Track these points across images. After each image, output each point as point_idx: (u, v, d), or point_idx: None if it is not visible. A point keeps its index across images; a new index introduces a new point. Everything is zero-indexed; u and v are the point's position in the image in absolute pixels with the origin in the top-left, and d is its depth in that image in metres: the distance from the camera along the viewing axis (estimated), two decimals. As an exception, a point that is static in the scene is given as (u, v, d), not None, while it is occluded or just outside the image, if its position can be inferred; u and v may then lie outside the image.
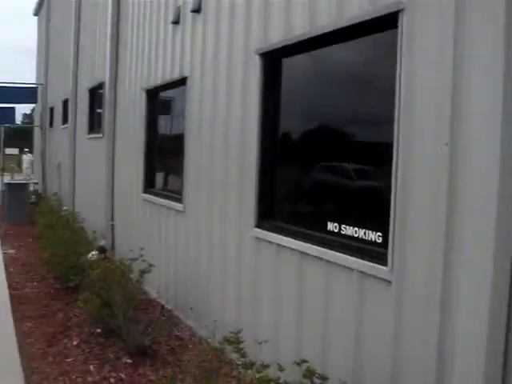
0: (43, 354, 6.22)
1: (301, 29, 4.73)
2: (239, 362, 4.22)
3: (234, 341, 3.94)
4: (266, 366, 3.75)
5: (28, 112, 58.44)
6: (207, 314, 6.41)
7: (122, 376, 5.64)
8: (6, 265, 10.53)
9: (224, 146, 6.16)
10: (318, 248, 4.41)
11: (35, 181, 21.54)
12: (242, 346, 4.08)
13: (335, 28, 4.25)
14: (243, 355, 4.03)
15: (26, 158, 29.63)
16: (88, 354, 6.21)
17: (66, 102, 17.39)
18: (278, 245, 5.02)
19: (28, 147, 31.42)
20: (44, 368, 5.82)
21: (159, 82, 8.38)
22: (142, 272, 6.84)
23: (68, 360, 6.04)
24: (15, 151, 28.13)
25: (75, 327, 7.09)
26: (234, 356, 4.41)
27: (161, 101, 8.96)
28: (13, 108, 22.76)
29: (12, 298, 8.34)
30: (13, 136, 25.64)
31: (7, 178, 21.34)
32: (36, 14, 28.08)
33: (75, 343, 6.52)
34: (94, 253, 9.95)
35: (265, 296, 5.30)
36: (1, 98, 21.57)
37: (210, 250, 6.53)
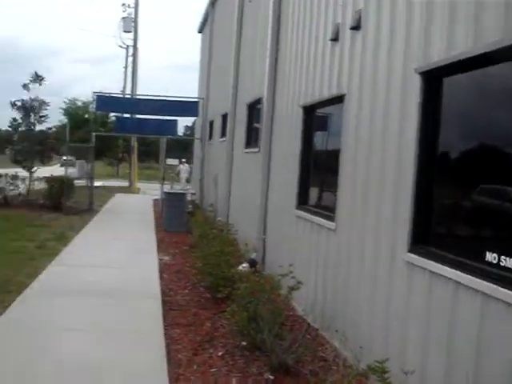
0: (189, 361, 6.35)
1: (463, 47, 4.48)
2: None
3: (379, 370, 3.77)
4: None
5: (189, 124, 61.40)
6: (353, 336, 6.25)
7: (263, 392, 5.63)
8: (160, 271, 10.93)
9: (380, 166, 6.00)
10: (475, 279, 4.12)
11: (193, 191, 22.42)
12: (387, 375, 3.91)
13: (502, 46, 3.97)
14: (388, 385, 3.87)
15: (183, 167, 30.94)
16: (232, 366, 6.27)
17: (225, 116, 17.96)
18: (432, 272, 4.77)
19: (186, 158, 32.80)
20: (188, 376, 5.94)
21: (316, 98, 8.37)
22: (291, 289, 6.81)
23: (212, 370, 6.12)
24: (175, 162, 29.42)
25: (221, 338, 7.18)
26: (379, 385, 4.24)
27: (316, 117, 8.94)
28: (175, 120, 24.00)
29: (164, 303, 8.62)
30: (174, 147, 26.98)
31: (167, 187, 22.44)
32: (200, 31, 29.45)
33: (220, 354, 6.60)
34: (244, 265, 10.13)
35: (414, 324, 5.06)
36: (165, 111, 22.90)
37: (359, 271, 6.38)
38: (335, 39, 7.62)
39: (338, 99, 7.36)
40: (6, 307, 7.79)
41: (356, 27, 6.86)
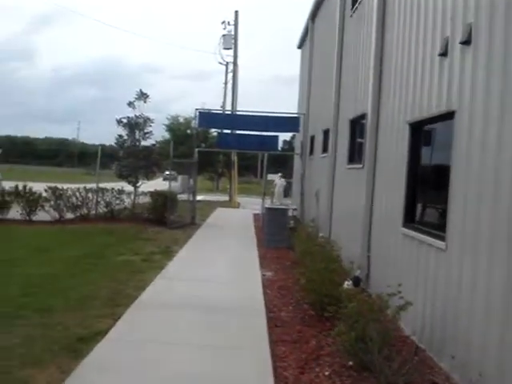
0: (295, 380, 6.34)
1: None
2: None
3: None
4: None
5: (287, 139, 61.69)
6: (465, 360, 6.03)
7: (371, 414, 5.53)
8: (263, 287, 10.98)
9: (494, 186, 5.79)
10: None
11: (294, 207, 22.43)
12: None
13: None
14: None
15: (279, 182, 30.73)
16: (339, 386, 6.21)
17: (326, 132, 17.93)
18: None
19: (285, 173, 32.87)
20: (297, 395, 5.94)
21: (424, 115, 8.20)
22: (399, 309, 6.68)
23: (320, 390, 6.09)
24: (275, 177, 29.50)
25: (327, 357, 7.12)
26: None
27: (424, 133, 8.76)
28: (276, 136, 24.21)
29: (268, 320, 8.65)
30: (273, 162, 27.22)
31: (268, 203, 22.59)
32: (299, 46, 29.65)
33: (327, 373, 6.54)
34: (348, 283, 10.01)
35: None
36: (266, 127, 23.08)
37: (472, 293, 6.16)
38: (444, 54, 7.45)
39: (448, 116, 7.18)
40: (116, 320, 8.06)
41: (466, 42, 6.67)
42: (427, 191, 8.62)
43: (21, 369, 6.07)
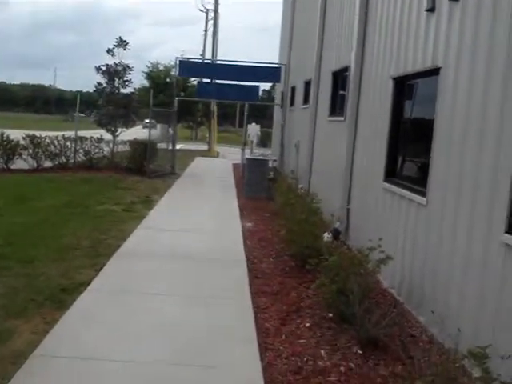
0: (277, 331, 6.45)
1: None
2: (477, 376, 4.03)
3: (479, 355, 3.73)
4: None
5: (267, 88, 61.35)
6: (442, 315, 6.18)
7: (352, 366, 5.65)
8: (244, 238, 11.07)
9: (478, 141, 5.83)
10: None
11: (274, 158, 22.46)
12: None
13: None
14: (486, 371, 3.82)
15: (252, 129, 30.27)
16: (319, 338, 6.32)
17: (308, 83, 17.82)
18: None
19: (263, 123, 32.75)
20: (277, 346, 6.04)
21: (408, 70, 8.18)
22: (379, 262, 6.80)
23: (300, 341, 6.20)
24: (257, 127, 29.32)
25: (308, 308, 7.26)
26: (475, 370, 4.20)
27: (407, 87, 8.75)
28: (257, 86, 24.09)
29: (249, 271, 8.75)
30: (252, 112, 27.10)
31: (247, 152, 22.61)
32: (282, -5, 29.18)
33: (307, 325, 6.67)
34: (328, 235, 10.14)
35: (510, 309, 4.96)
36: (246, 77, 22.94)
37: (451, 250, 6.27)
38: (431, 10, 7.38)
39: (433, 72, 7.17)
40: (98, 270, 8.13)
41: (455, -3, 6.62)
42: (409, 146, 8.67)
43: (5, 319, 6.11)
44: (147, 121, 22.56)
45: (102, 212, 12.80)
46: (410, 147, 8.66)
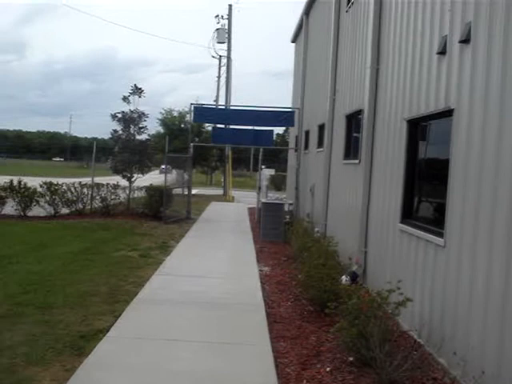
0: (298, 376, 6.40)
1: None
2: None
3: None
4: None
5: (280, 132, 61.81)
6: (464, 357, 6.10)
7: (375, 410, 5.60)
8: (261, 282, 11.04)
9: (493, 182, 5.85)
10: None
11: (290, 201, 22.49)
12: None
13: None
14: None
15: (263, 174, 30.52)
16: (340, 382, 6.27)
17: (321, 127, 17.96)
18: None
19: (277, 167, 32.99)
20: (300, 391, 6.00)
21: (422, 112, 8.25)
22: (398, 304, 6.76)
23: (321, 386, 6.16)
24: (271, 171, 29.57)
25: (327, 352, 7.20)
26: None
27: (421, 129, 8.81)
28: (271, 131, 24.28)
29: (268, 316, 8.70)
30: (265, 155, 27.30)
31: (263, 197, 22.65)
32: (293, 41, 29.64)
33: (328, 369, 6.60)
34: (346, 278, 10.10)
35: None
36: (260, 122, 23.14)
37: (471, 290, 6.22)
38: (442, 53, 7.49)
39: (446, 113, 7.23)
40: (117, 317, 8.11)
41: (465, 40, 6.72)
42: (425, 187, 8.68)
43: (25, 368, 6.11)
44: (163, 166, 22.73)
45: (119, 258, 12.84)
46: (425, 188, 8.67)
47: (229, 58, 43.17)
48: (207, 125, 40.61)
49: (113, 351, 6.77)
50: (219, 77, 45.66)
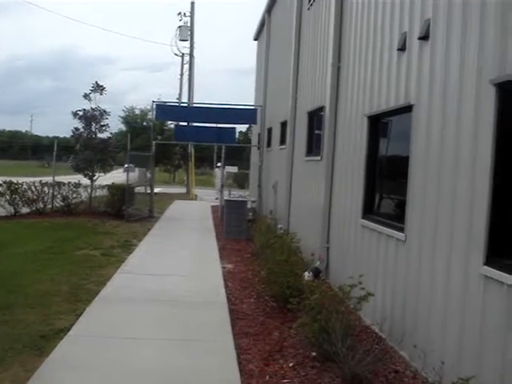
0: (260, 372, 6.40)
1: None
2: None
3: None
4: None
5: (243, 130, 61.85)
6: (425, 349, 6.19)
7: (338, 404, 5.63)
8: (224, 279, 11.03)
9: (452, 177, 5.94)
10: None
11: (253, 199, 22.53)
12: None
13: None
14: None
15: (219, 173, 30.56)
16: (303, 377, 6.28)
17: (284, 124, 18.03)
18: (510, 286, 4.71)
19: (240, 164, 33.03)
20: (262, 387, 6.00)
21: (382, 108, 8.33)
22: (360, 299, 6.82)
23: (284, 381, 6.15)
24: (234, 169, 29.62)
25: (290, 348, 7.21)
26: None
27: (382, 125, 8.90)
28: (234, 128, 24.28)
29: (231, 312, 8.70)
30: (228, 154, 27.28)
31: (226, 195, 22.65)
32: (256, 38, 29.69)
33: (291, 365, 6.62)
34: (308, 274, 10.15)
35: (491, 340, 4.99)
36: (223, 119, 23.13)
37: (431, 284, 6.32)
38: (402, 49, 7.58)
39: (406, 109, 7.32)
40: (78, 316, 8.01)
41: (424, 37, 6.81)
42: (386, 183, 8.77)
43: (-17, 368, 6.01)
44: (127, 165, 22.55)
45: (81, 257, 12.69)
46: (386, 184, 8.76)
47: (191, 55, 43.01)
48: (170, 123, 40.42)
49: (74, 350, 6.68)
50: (182, 75, 45.51)
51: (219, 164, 34.22)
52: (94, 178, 21.72)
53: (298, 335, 7.42)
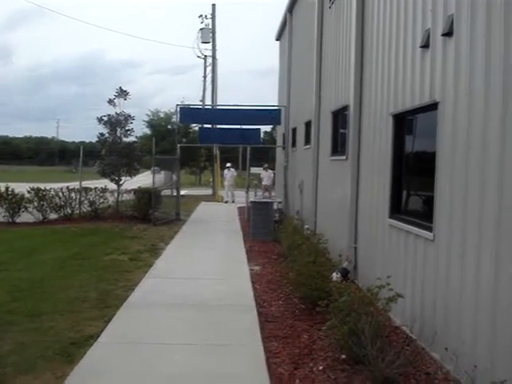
0: (290, 375, 6.36)
1: None
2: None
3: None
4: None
5: (268, 130, 61.77)
6: (457, 351, 6.09)
7: (368, 407, 5.57)
8: (252, 282, 11.00)
9: (480, 174, 5.84)
10: None
11: (279, 200, 22.48)
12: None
13: None
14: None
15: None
16: (333, 380, 6.23)
17: (308, 124, 17.95)
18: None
19: (267, 164, 32.94)
20: (293, 391, 5.96)
21: (407, 106, 8.24)
22: (390, 300, 6.74)
23: (315, 385, 6.13)
24: (259, 170, 29.62)
25: (320, 351, 7.16)
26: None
27: (407, 123, 8.80)
28: (258, 129, 24.23)
29: (259, 315, 8.67)
30: (254, 154, 27.24)
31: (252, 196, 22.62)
32: (278, 38, 29.62)
33: (321, 368, 6.57)
34: (336, 275, 10.08)
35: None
36: (247, 120, 23.12)
37: (461, 283, 6.22)
38: (425, 46, 7.48)
39: (432, 107, 7.22)
40: (107, 322, 8.05)
41: (448, 33, 6.71)
42: (413, 181, 8.67)
43: (15, 376, 6.05)
44: (153, 168, 22.67)
45: (108, 262, 12.77)
46: (413, 182, 8.66)
47: (214, 57, 43.06)
48: (194, 125, 40.53)
49: (104, 357, 6.72)
50: (205, 77, 45.56)
51: (228, 164, 34.30)
52: (121, 183, 21.85)
53: (328, 338, 7.34)
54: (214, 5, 43.36)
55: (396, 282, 7.51)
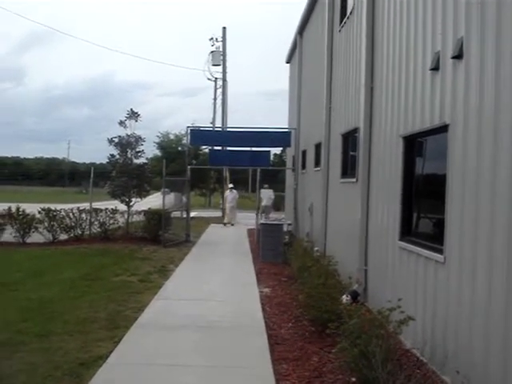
0: (300, 398, 6.34)
1: None
2: None
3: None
4: None
5: (277, 152, 61.89)
6: (468, 375, 6.03)
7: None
8: (262, 304, 10.96)
9: (491, 196, 5.83)
10: None
11: (289, 221, 22.45)
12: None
13: None
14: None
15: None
16: (344, 403, 6.20)
17: (318, 146, 18.00)
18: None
19: (275, 187, 32.88)
20: (302, 414, 5.92)
21: (417, 128, 8.26)
22: (401, 323, 6.70)
23: (325, 408, 6.09)
24: (271, 192, 29.63)
25: (330, 373, 7.12)
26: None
27: (418, 145, 8.80)
28: (268, 151, 24.29)
29: (269, 337, 8.63)
30: (263, 176, 27.27)
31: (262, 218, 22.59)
32: (288, 61, 29.82)
33: (331, 391, 6.54)
34: (346, 297, 10.03)
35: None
36: (257, 143, 23.15)
37: (472, 306, 6.17)
38: (435, 69, 7.51)
39: (442, 129, 7.23)
40: (117, 343, 8.04)
41: (458, 56, 6.73)
42: (423, 204, 8.65)
43: (24, 397, 6.05)
44: (164, 190, 22.71)
45: (118, 283, 12.77)
46: (424, 204, 8.64)
47: (224, 80, 43.32)
48: (204, 147, 40.64)
49: (113, 378, 6.71)
50: (215, 99, 45.88)
51: (230, 185, 34.24)
52: (131, 204, 21.92)
53: (338, 360, 7.29)
54: (224, 28, 43.74)
55: (406, 305, 7.47)
